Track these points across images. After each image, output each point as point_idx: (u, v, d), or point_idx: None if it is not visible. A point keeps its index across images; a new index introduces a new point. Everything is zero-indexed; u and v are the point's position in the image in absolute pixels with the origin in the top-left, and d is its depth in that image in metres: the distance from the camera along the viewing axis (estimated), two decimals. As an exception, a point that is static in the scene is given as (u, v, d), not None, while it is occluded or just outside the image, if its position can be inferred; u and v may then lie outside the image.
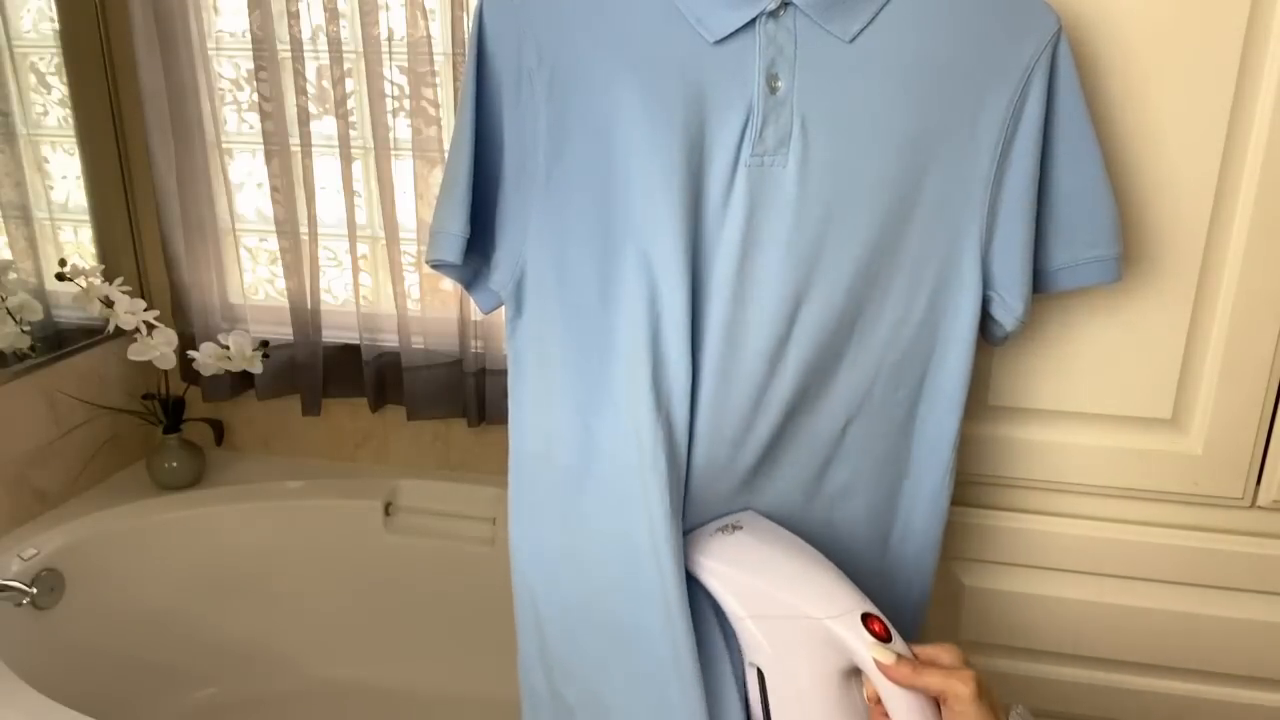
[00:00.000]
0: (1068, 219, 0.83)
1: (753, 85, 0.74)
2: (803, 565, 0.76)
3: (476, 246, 0.85)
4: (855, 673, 0.72)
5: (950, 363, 0.84)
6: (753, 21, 0.74)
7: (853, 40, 0.75)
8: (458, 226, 0.82)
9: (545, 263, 0.82)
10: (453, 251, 0.82)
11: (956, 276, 0.82)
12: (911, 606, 0.92)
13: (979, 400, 0.97)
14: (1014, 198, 0.81)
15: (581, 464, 0.84)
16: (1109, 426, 0.96)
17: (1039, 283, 0.86)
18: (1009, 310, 0.84)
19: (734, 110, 0.75)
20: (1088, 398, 0.95)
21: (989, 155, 0.79)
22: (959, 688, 0.65)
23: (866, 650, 0.69)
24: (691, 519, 0.83)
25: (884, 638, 0.70)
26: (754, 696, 0.77)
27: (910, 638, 0.73)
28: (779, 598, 0.74)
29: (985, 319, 0.85)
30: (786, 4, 0.74)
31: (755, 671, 0.76)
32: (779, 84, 0.74)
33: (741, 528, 0.81)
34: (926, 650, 0.69)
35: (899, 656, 0.68)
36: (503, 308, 0.87)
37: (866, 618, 0.71)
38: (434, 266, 0.84)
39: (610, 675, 0.86)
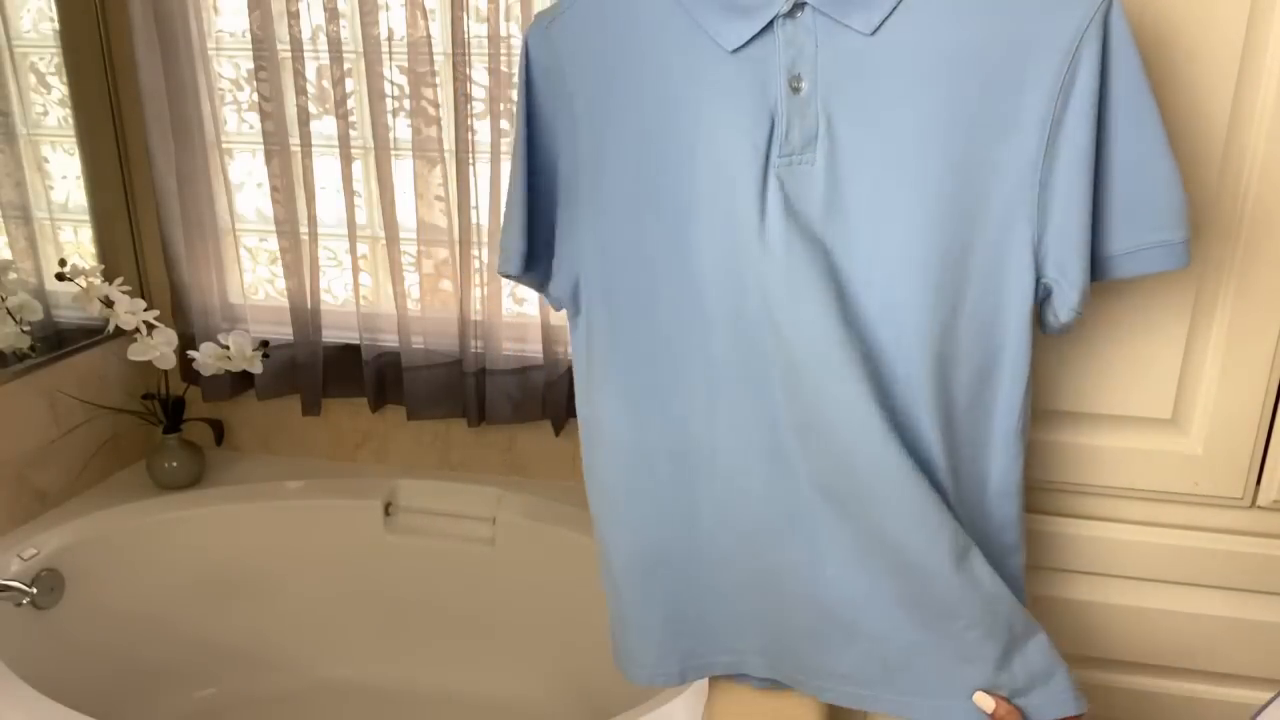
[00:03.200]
0: (1129, 199, 0.78)
1: (775, 88, 0.75)
2: None
3: (546, 255, 0.90)
4: None
5: (1008, 355, 0.80)
6: (770, 25, 0.74)
7: (874, 32, 0.73)
8: (516, 244, 0.89)
9: (594, 275, 0.86)
10: (514, 266, 0.90)
11: (1006, 265, 0.78)
12: (1001, 549, 0.86)
13: (979, 400, 0.97)
14: (1067, 178, 0.76)
15: (625, 471, 0.87)
16: (1109, 426, 0.95)
17: (1099, 269, 0.80)
18: (1065, 300, 0.78)
19: (759, 115, 0.75)
20: (1087, 398, 0.95)
21: (1037, 135, 0.75)
22: None
23: None
24: (749, 524, 0.83)
25: None
26: None
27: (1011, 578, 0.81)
28: None
29: (1042, 309, 0.81)
30: (801, 4, 0.73)
31: None
32: (801, 84, 0.74)
33: None
34: None
35: None
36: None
37: None
38: (504, 276, 0.92)
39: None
